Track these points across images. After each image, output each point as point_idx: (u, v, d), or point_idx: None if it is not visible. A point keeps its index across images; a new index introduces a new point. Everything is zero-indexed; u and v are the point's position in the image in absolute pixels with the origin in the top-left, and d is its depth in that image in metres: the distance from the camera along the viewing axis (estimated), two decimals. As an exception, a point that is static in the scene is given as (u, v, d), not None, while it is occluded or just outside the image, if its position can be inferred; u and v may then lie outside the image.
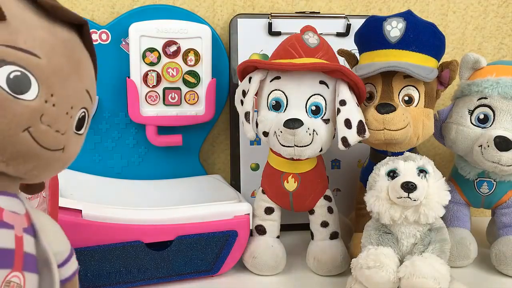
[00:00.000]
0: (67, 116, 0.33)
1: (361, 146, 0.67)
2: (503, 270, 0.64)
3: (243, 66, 0.62)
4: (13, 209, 0.33)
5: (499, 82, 0.63)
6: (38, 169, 0.33)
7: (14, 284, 0.31)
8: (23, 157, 0.31)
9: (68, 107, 0.33)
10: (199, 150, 0.83)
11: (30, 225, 0.34)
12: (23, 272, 0.32)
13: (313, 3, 0.84)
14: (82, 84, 0.34)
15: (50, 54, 0.32)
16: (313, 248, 0.65)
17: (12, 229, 0.32)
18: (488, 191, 0.67)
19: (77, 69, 0.34)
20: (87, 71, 0.35)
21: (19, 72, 0.30)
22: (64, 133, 0.33)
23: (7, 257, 0.31)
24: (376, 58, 0.63)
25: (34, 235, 0.34)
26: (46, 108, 0.31)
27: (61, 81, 0.32)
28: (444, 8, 0.87)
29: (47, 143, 0.32)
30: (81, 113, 0.35)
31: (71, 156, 0.35)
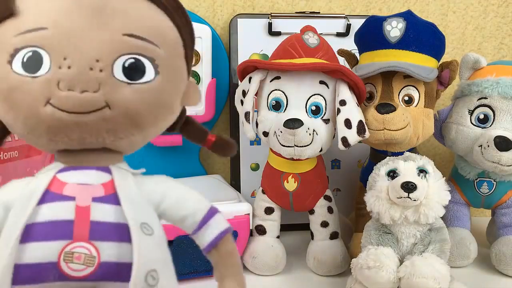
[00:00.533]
0: (92, 71, 0.30)
1: (361, 146, 0.67)
2: (503, 270, 0.64)
3: (243, 66, 0.62)
4: (81, 181, 0.32)
5: (499, 82, 0.62)
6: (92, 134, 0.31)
7: (81, 255, 0.30)
8: (60, 129, 0.30)
9: (90, 62, 0.30)
10: (199, 150, 0.83)
11: (113, 194, 0.33)
12: (93, 241, 0.31)
13: (313, 3, 0.84)
14: (110, 31, 0.31)
15: (58, 19, 0.30)
16: (313, 248, 0.65)
17: (73, 200, 0.31)
18: (488, 191, 0.67)
19: (99, 19, 0.31)
20: (122, 13, 0.32)
21: (31, 53, 0.30)
22: (97, 90, 0.30)
23: (63, 229, 0.31)
24: (376, 58, 0.63)
25: (117, 203, 0.32)
26: (61, 73, 0.30)
27: (74, 40, 0.30)
28: (444, 8, 0.87)
29: (76, 107, 0.30)
30: (127, 60, 0.31)
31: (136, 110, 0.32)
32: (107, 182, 0.33)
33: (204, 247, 0.37)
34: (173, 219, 0.36)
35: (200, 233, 0.36)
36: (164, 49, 0.33)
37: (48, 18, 0.30)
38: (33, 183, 0.32)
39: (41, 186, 0.32)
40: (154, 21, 0.33)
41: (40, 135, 0.31)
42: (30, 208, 0.31)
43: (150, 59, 0.32)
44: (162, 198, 0.36)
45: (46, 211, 0.31)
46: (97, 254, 0.31)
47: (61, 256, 0.30)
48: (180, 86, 0.35)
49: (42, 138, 0.31)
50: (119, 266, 0.31)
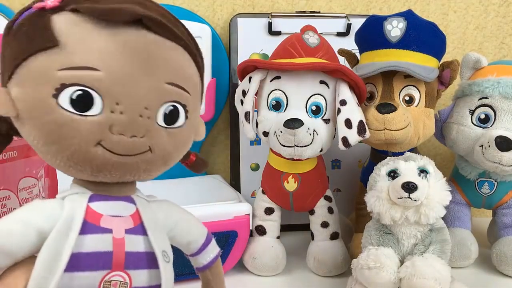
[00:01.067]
0: (142, 118, 0.32)
1: (361, 146, 0.67)
2: (504, 270, 0.64)
3: (243, 65, 0.62)
4: (114, 213, 0.35)
5: (500, 82, 0.62)
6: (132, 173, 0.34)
7: (117, 282, 0.34)
8: (106, 168, 0.32)
9: (140, 110, 0.32)
10: (199, 150, 0.82)
11: (140, 224, 0.36)
12: (127, 270, 0.34)
13: (314, 2, 0.84)
14: (156, 79, 0.33)
15: (110, 61, 0.31)
16: (313, 249, 0.65)
17: (110, 232, 0.34)
18: (489, 191, 0.67)
19: (146, 66, 0.32)
20: (165, 62, 0.33)
21: (81, 91, 0.31)
22: (143, 135, 0.32)
23: (104, 260, 0.33)
24: (377, 58, 0.63)
25: (144, 233, 0.36)
26: (114, 118, 0.31)
27: (127, 87, 0.31)
28: (445, 7, 0.87)
29: (125, 150, 0.32)
30: (168, 108, 0.33)
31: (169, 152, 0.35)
32: (133, 213, 0.36)
33: (199, 267, 0.43)
34: (179, 243, 0.41)
35: (199, 256, 0.42)
36: (193, 94, 0.36)
37: (98, 59, 0.31)
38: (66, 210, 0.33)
39: (78, 215, 0.33)
40: (188, 70, 0.35)
41: (84, 170, 0.33)
42: (73, 238, 0.32)
43: (183, 106, 0.35)
44: (174, 225, 0.40)
45: (89, 242, 0.33)
46: (129, 281, 0.34)
47: (101, 284, 0.33)
48: (197, 124, 0.39)
49: (84, 173, 0.33)
50: None
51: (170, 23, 0.34)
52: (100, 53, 0.31)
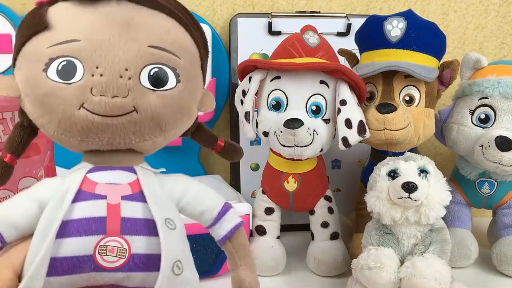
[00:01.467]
0: (122, 79, 0.33)
1: (361, 146, 0.67)
2: (504, 270, 0.64)
3: (243, 65, 0.62)
4: (110, 181, 0.36)
5: (500, 82, 0.62)
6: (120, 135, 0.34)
7: (114, 248, 0.34)
8: (91, 130, 0.34)
9: (120, 71, 0.33)
10: (199, 150, 0.82)
11: (139, 192, 0.36)
12: (124, 236, 0.34)
13: (314, 2, 0.84)
14: (137, 42, 0.34)
15: (90, 32, 0.33)
16: (314, 249, 0.65)
17: (104, 199, 0.35)
18: (489, 191, 0.67)
19: (127, 32, 0.34)
20: (146, 27, 0.35)
21: (65, 62, 0.33)
22: (126, 95, 0.33)
23: (98, 224, 0.34)
24: (377, 58, 0.63)
25: (143, 200, 0.36)
26: (94, 80, 0.33)
27: (105, 51, 0.33)
28: (445, 7, 0.87)
29: (107, 111, 0.33)
30: (152, 69, 0.34)
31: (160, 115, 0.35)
32: (133, 182, 0.37)
33: (219, 239, 0.41)
34: (191, 214, 0.40)
35: (216, 227, 0.40)
36: (184, 60, 0.37)
37: (80, 32, 0.34)
38: (66, 182, 0.35)
39: (74, 185, 0.35)
40: (175, 35, 0.37)
41: (73, 136, 0.34)
42: (65, 206, 0.34)
43: (172, 69, 0.36)
44: (183, 195, 0.39)
45: (81, 208, 0.34)
46: (128, 247, 0.34)
47: (96, 249, 0.33)
48: (197, 94, 0.39)
49: (74, 139, 0.35)
50: (148, 257, 0.35)
51: None
52: (82, 27, 0.34)
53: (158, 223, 0.35)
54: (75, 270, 0.34)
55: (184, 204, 0.39)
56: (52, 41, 0.34)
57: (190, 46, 0.38)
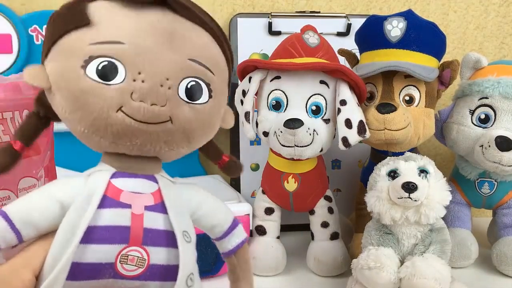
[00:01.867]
0: (162, 88, 0.34)
1: (361, 146, 0.67)
2: (504, 270, 0.64)
3: (243, 65, 0.62)
4: (134, 190, 0.36)
5: (500, 82, 0.62)
6: (152, 143, 0.35)
7: (134, 257, 0.34)
8: (126, 134, 0.34)
9: (161, 80, 0.34)
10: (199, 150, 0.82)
11: (160, 202, 0.37)
12: (145, 246, 0.35)
13: (314, 2, 0.84)
14: (179, 54, 0.35)
15: (135, 36, 0.34)
16: (314, 249, 0.65)
17: (129, 208, 0.35)
18: (489, 191, 0.67)
19: (170, 43, 0.34)
20: (188, 40, 0.36)
21: (106, 62, 0.33)
22: (164, 105, 0.34)
23: (122, 234, 0.34)
24: (377, 58, 0.63)
25: (164, 211, 0.36)
26: (135, 85, 0.33)
27: (149, 58, 0.34)
28: (445, 7, 0.87)
29: (145, 117, 0.33)
30: (189, 83, 0.35)
31: (191, 127, 0.36)
32: (155, 192, 0.37)
33: (225, 251, 0.42)
34: (203, 226, 0.41)
35: (224, 240, 0.42)
36: (218, 76, 0.38)
37: (124, 35, 0.34)
38: (89, 185, 0.35)
39: (99, 190, 0.35)
40: (212, 51, 0.38)
41: (105, 136, 0.34)
42: (91, 211, 0.34)
43: (207, 84, 0.36)
44: (198, 208, 0.40)
45: (107, 215, 0.34)
46: (147, 257, 0.35)
47: (118, 258, 0.34)
48: (222, 110, 0.41)
49: (105, 139, 0.34)
50: (165, 268, 0.35)
51: (196, 8, 0.37)
52: (126, 30, 0.34)
53: (178, 236, 0.36)
54: (95, 276, 0.34)
55: (198, 216, 0.40)
56: (94, 39, 0.34)
57: (222, 63, 0.39)
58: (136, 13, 0.34)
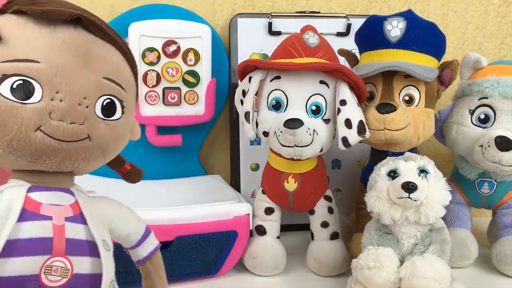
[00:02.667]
0: (80, 107, 0.34)
1: (361, 146, 0.67)
2: (504, 270, 0.64)
3: (243, 65, 0.62)
4: (53, 202, 0.36)
5: (500, 82, 0.62)
6: (71, 160, 0.35)
7: (58, 268, 0.34)
8: (45, 153, 0.34)
9: (79, 99, 0.34)
10: (199, 150, 0.82)
11: (79, 213, 0.37)
12: (68, 256, 0.35)
13: (314, 2, 0.84)
14: (95, 73, 0.36)
15: (50, 56, 0.34)
16: (313, 249, 0.65)
17: (50, 220, 0.35)
18: (489, 191, 0.67)
19: (85, 61, 0.35)
20: (102, 59, 0.36)
21: (21, 81, 0.33)
22: (82, 123, 0.34)
23: (44, 245, 0.34)
24: (377, 58, 0.63)
25: (84, 222, 0.37)
26: (54, 105, 0.33)
27: (66, 77, 0.34)
28: (445, 7, 0.87)
29: (64, 136, 0.34)
30: (105, 100, 0.36)
31: (107, 142, 0.37)
32: (73, 203, 0.38)
33: (139, 259, 0.44)
34: (118, 236, 0.42)
35: (139, 248, 0.43)
36: (129, 93, 0.39)
37: (39, 53, 0.34)
38: (5, 201, 0.35)
39: (17, 203, 0.35)
40: (123, 68, 0.39)
41: (23, 156, 0.34)
42: (10, 225, 0.33)
43: (120, 101, 0.38)
44: (112, 218, 0.41)
45: (28, 228, 0.34)
46: (71, 267, 0.35)
47: (42, 269, 0.34)
48: (131, 123, 0.42)
49: (23, 159, 0.34)
50: (89, 277, 0.36)
51: (105, 27, 0.38)
52: (40, 48, 0.34)
53: (99, 245, 0.37)
54: None
55: (113, 226, 0.41)
56: (7, 57, 0.33)
57: (131, 79, 0.40)
58: (50, 31, 0.35)
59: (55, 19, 0.35)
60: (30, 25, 0.34)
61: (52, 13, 0.34)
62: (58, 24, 0.35)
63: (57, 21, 0.35)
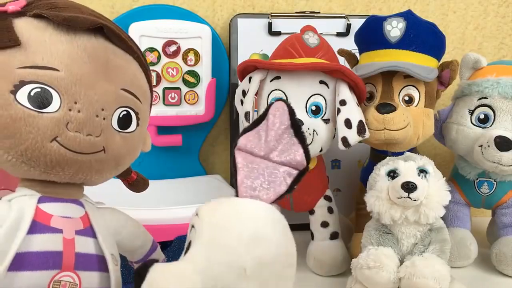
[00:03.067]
0: (98, 118, 0.34)
1: (361, 146, 0.67)
2: (504, 270, 0.64)
3: (243, 66, 0.62)
4: (64, 214, 0.35)
5: (500, 82, 0.62)
6: (84, 172, 0.34)
7: (66, 283, 0.34)
8: (59, 164, 0.33)
9: (97, 110, 0.34)
10: (199, 150, 0.82)
11: (89, 226, 0.36)
12: (77, 271, 0.34)
13: (313, 3, 0.84)
14: (113, 84, 0.35)
15: (70, 64, 0.33)
16: (313, 249, 0.65)
17: (60, 233, 0.34)
18: (489, 191, 0.67)
19: (105, 72, 0.34)
20: (121, 70, 0.36)
21: (39, 89, 0.32)
22: (99, 135, 0.34)
23: (54, 259, 0.33)
24: (376, 58, 0.63)
25: (93, 235, 0.36)
26: (71, 116, 0.32)
27: (85, 87, 0.33)
28: (445, 8, 0.87)
29: (80, 148, 0.33)
30: (122, 112, 0.35)
31: (121, 155, 0.36)
32: (83, 216, 0.37)
33: None
34: (126, 249, 0.41)
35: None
36: (144, 104, 0.38)
37: (59, 61, 0.32)
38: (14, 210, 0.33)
39: (27, 215, 0.33)
40: (140, 80, 0.38)
41: (36, 166, 0.33)
42: (20, 237, 0.32)
43: (136, 113, 0.37)
44: (121, 231, 0.40)
45: (38, 241, 0.33)
46: (79, 282, 0.34)
47: (50, 284, 0.33)
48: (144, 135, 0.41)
49: (36, 169, 0.33)
50: None
51: (125, 36, 0.37)
52: (60, 55, 0.32)
53: (108, 260, 0.36)
54: None
55: (121, 239, 0.40)
56: (26, 63, 0.32)
57: (148, 90, 0.39)
58: (70, 38, 0.33)
59: (77, 26, 0.33)
60: (50, 30, 0.33)
61: (75, 20, 0.33)
62: (78, 31, 0.34)
63: (78, 28, 0.34)
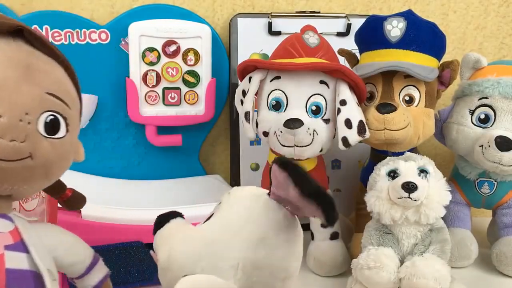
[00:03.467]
0: (22, 123, 0.32)
1: (361, 146, 0.67)
2: (504, 270, 0.64)
3: (243, 65, 0.62)
4: None
5: (500, 82, 0.62)
6: (10, 181, 0.33)
7: None
8: None
9: (20, 115, 0.32)
10: (199, 150, 0.82)
11: (20, 241, 0.34)
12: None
13: (313, 2, 0.84)
14: (37, 88, 0.33)
15: None
16: (313, 249, 0.65)
17: None
18: (489, 191, 0.67)
19: (27, 75, 0.33)
20: (45, 73, 0.34)
21: None
22: (23, 140, 0.32)
23: None
24: (377, 58, 0.63)
25: (26, 250, 0.34)
26: None
27: (7, 91, 0.32)
28: (445, 7, 0.87)
29: (4, 155, 0.31)
30: (48, 117, 0.34)
31: (50, 162, 0.34)
32: (12, 230, 0.35)
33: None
34: (63, 265, 0.40)
35: (87, 277, 0.41)
36: (73, 110, 0.37)
37: None
38: None
39: None
40: (66, 84, 0.36)
41: None
42: None
43: (64, 118, 0.35)
44: (56, 247, 0.39)
45: None
46: None
47: None
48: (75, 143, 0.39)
49: None
50: None
51: (46, 40, 0.36)
52: None
53: (44, 275, 0.34)
54: None
55: (57, 255, 0.39)
56: None
57: (75, 95, 0.38)
58: None
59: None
60: None
61: None
62: None
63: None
